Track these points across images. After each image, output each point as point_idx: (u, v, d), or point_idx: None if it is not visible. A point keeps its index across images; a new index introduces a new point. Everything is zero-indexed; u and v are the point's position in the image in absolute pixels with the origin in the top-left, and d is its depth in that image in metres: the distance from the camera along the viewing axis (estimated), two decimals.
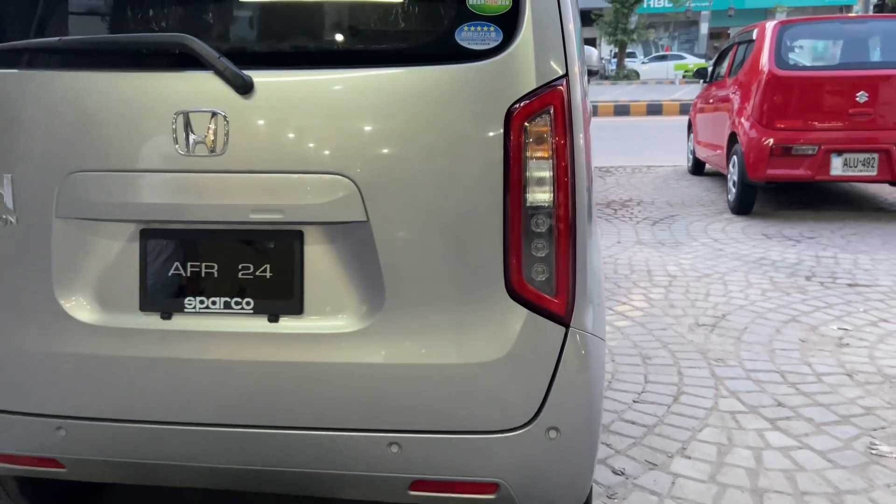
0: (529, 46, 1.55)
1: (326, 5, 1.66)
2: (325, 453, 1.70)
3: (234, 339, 1.67)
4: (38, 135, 1.65)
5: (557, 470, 1.67)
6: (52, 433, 1.77)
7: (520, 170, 1.56)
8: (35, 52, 1.68)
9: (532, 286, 1.59)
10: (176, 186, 1.62)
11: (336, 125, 1.58)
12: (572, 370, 1.62)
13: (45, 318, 1.71)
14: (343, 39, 1.66)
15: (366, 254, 1.62)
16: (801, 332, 3.81)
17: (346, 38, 1.66)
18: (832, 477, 2.44)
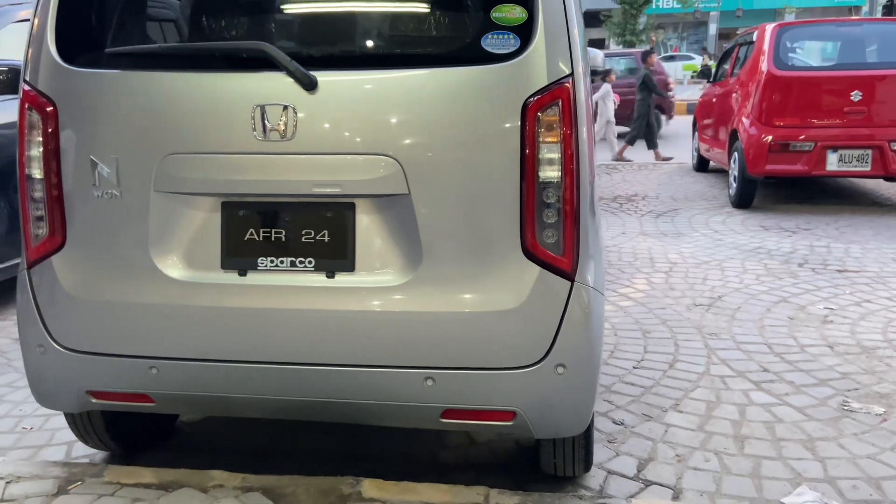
0: (542, 51, 1.90)
1: (377, 18, 2.02)
2: (371, 387, 2.06)
3: (298, 292, 2.03)
4: (141, 124, 2.01)
5: (564, 400, 2.02)
6: (145, 372, 2.13)
7: (534, 151, 1.91)
8: (138, 56, 2.05)
9: (543, 247, 1.95)
10: (253, 166, 1.98)
11: (384, 115, 1.94)
12: (576, 317, 1.97)
13: (141, 275, 2.08)
14: (390, 45, 2.02)
15: (407, 221, 1.97)
16: (790, 311, 4.14)
17: (392, 44, 2.02)
18: (807, 427, 2.78)
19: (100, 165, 2.04)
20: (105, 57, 2.07)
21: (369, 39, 2.05)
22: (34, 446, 2.75)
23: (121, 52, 2.06)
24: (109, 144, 2.04)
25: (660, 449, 2.63)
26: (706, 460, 2.55)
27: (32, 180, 2.11)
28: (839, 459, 2.55)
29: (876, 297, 4.38)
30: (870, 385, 3.15)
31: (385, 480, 2.20)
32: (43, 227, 2.12)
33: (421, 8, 2.03)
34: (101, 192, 2.06)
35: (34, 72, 2.10)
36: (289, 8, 2.06)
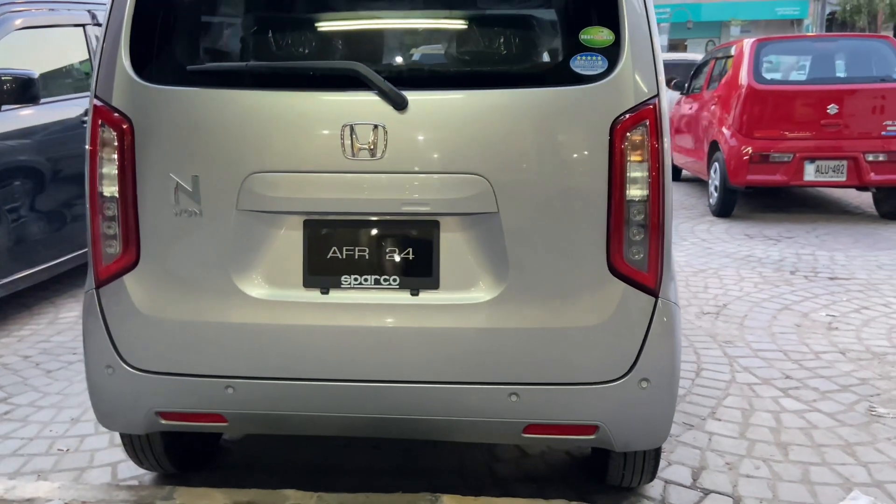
0: (629, 72, 1.95)
1: (467, 38, 2.04)
2: (455, 403, 2.07)
3: (382, 310, 2.03)
4: (224, 142, 1.99)
5: (646, 413, 2.06)
6: (221, 392, 2.09)
7: (622, 170, 1.95)
8: (224, 74, 2.02)
9: (629, 264, 1.99)
10: (340, 184, 1.98)
11: (474, 134, 1.95)
12: (659, 332, 2.01)
13: (220, 293, 2.05)
14: (479, 65, 2.05)
15: (494, 238, 1.99)
16: (795, 318, 4.28)
17: (482, 64, 2.04)
18: (842, 433, 2.89)
19: (180, 184, 2.01)
20: (184, 73, 2.04)
21: (459, 59, 2.07)
22: (76, 468, 2.67)
23: (203, 70, 2.03)
24: (190, 163, 2.01)
25: (709, 457, 2.70)
26: (756, 468, 2.63)
27: (104, 198, 2.06)
28: (881, 464, 2.65)
29: (872, 303, 4.55)
30: (889, 390, 3.28)
31: (464, 497, 2.20)
32: (115, 245, 2.08)
33: (510, 29, 2.05)
34: (179, 210, 2.02)
35: (106, 87, 2.05)
36: (377, 26, 2.07)
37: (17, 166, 4.16)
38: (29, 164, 4.25)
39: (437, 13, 2.08)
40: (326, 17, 2.11)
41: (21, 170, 4.20)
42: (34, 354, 3.81)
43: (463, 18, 2.04)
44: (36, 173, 4.30)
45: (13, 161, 4.13)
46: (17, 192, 4.14)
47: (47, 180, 4.38)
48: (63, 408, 3.18)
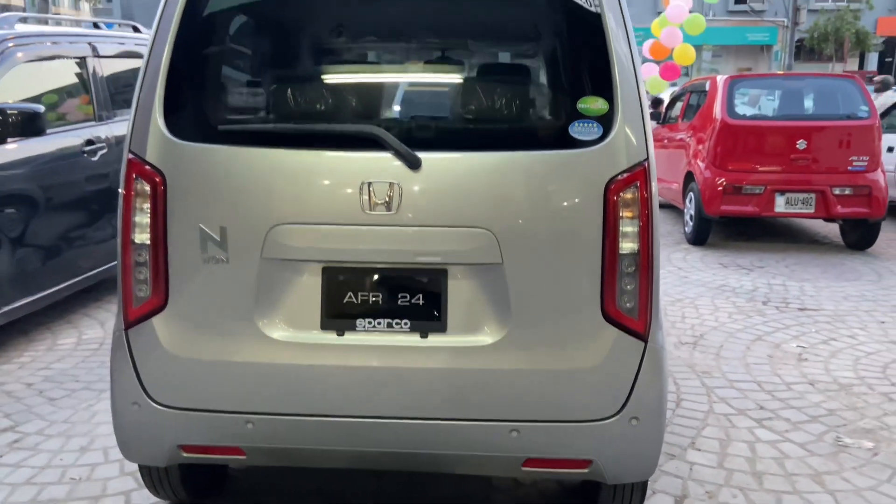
0: (622, 138, 2.15)
1: (477, 105, 2.23)
2: (459, 438, 2.24)
3: (394, 351, 2.20)
4: (251, 196, 2.15)
5: (636, 449, 2.25)
6: (241, 427, 2.24)
7: (615, 226, 2.15)
8: (252, 133, 2.19)
9: (621, 311, 2.18)
10: (358, 236, 2.15)
11: (482, 192, 2.14)
12: (648, 373, 2.20)
13: (243, 335, 2.20)
14: (487, 129, 2.24)
15: (498, 287, 2.17)
16: (768, 349, 4.52)
17: (490, 129, 2.24)
18: (812, 462, 3.10)
19: (208, 234, 2.17)
20: (215, 132, 2.20)
21: (468, 123, 2.26)
22: (90, 497, 2.79)
23: (234, 131, 2.20)
24: (219, 214, 2.16)
25: (690, 487, 2.89)
26: (734, 496, 2.82)
27: (136, 245, 2.21)
28: (846, 492, 2.86)
29: (839, 335, 4.81)
30: (854, 421, 3.51)
31: None
32: (145, 289, 2.22)
33: (515, 97, 2.25)
34: (207, 257, 2.18)
35: (140, 142, 2.20)
36: (396, 92, 2.25)
37: (19, 194, 4.27)
38: (31, 193, 4.36)
39: (450, 82, 2.27)
40: (349, 82, 2.29)
41: (23, 198, 4.30)
42: (37, 382, 3.90)
43: (473, 87, 2.24)
44: (37, 202, 4.41)
45: (15, 189, 4.24)
46: (19, 220, 4.25)
47: (48, 208, 4.49)
48: (71, 436, 3.28)
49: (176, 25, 2.20)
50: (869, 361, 4.32)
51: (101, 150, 4.98)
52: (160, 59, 2.19)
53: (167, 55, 2.18)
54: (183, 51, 2.20)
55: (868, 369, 4.20)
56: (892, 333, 4.84)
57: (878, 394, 3.84)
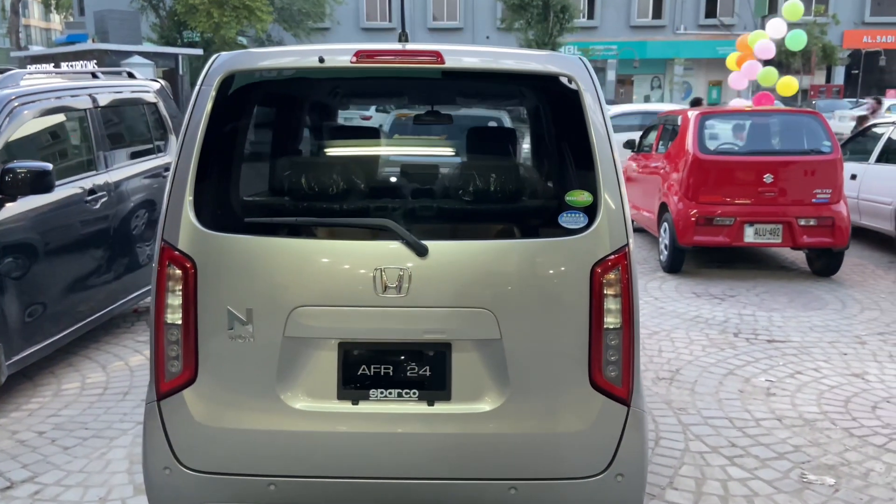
0: (605, 226, 2.43)
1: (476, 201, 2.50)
2: (463, 495, 2.49)
3: (404, 418, 2.45)
4: (274, 281, 2.39)
5: (621, 501, 2.51)
6: (264, 489, 2.47)
7: (600, 304, 2.42)
8: (276, 226, 2.43)
9: (607, 380, 2.45)
10: (372, 316, 2.40)
11: (482, 275, 2.40)
12: (632, 434, 2.47)
13: (267, 405, 2.44)
14: (486, 222, 2.51)
15: (497, 359, 2.43)
16: (739, 384, 4.82)
17: (488, 220, 2.50)
18: (779, 500, 3.39)
19: (236, 315, 2.40)
20: (241, 223, 2.44)
21: (469, 216, 2.53)
22: None
23: (260, 223, 2.44)
24: (245, 298, 2.40)
25: None
26: None
27: (169, 325, 2.44)
28: None
29: (804, 367, 5.13)
30: (818, 457, 3.81)
31: None
32: (177, 365, 2.45)
33: (511, 191, 2.52)
34: (234, 336, 2.41)
35: (173, 232, 2.43)
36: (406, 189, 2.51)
37: (27, 245, 4.45)
38: (37, 244, 4.54)
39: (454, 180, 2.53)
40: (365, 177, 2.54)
41: (30, 249, 4.48)
42: (48, 430, 4.08)
43: (474, 183, 2.50)
44: (43, 252, 4.59)
45: (23, 240, 4.42)
46: (27, 270, 4.42)
47: (53, 257, 4.67)
48: (89, 486, 3.48)
49: (204, 126, 2.43)
50: (832, 395, 4.64)
51: (101, 199, 5.17)
52: (189, 159, 2.43)
53: (196, 156, 2.41)
54: (210, 149, 2.44)
55: (831, 403, 4.51)
56: (854, 366, 5.17)
57: (840, 429, 4.15)
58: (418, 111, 3.30)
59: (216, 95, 2.45)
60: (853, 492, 3.46)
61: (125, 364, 5.12)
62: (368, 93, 3.26)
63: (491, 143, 3.10)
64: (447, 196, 2.51)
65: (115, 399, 4.53)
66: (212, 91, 2.44)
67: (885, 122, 9.72)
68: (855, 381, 4.88)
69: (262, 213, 2.50)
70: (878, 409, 4.44)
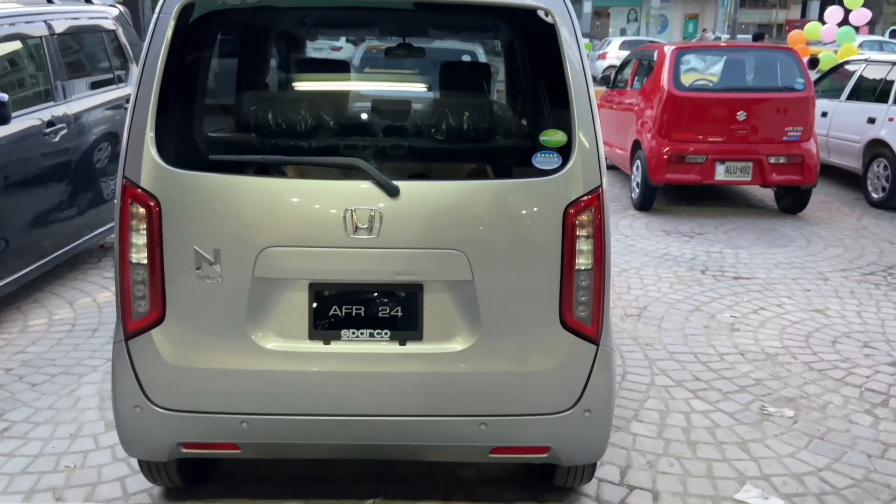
0: (579, 167, 2.40)
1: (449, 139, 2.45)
2: (434, 432, 2.53)
3: (376, 358, 2.46)
4: (243, 221, 2.35)
5: (588, 436, 2.57)
6: (236, 426, 2.48)
7: (572, 246, 2.41)
8: (243, 164, 2.37)
9: (577, 320, 2.47)
10: (342, 258, 2.37)
11: (454, 217, 2.38)
12: (599, 372, 2.51)
13: (237, 346, 2.42)
14: (459, 161, 2.46)
15: (469, 300, 2.43)
16: (704, 320, 4.92)
17: (461, 161, 2.46)
18: (739, 431, 3.50)
19: (203, 255, 2.36)
20: (207, 161, 2.37)
21: (442, 156, 2.48)
22: (87, 484, 3.01)
23: (224, 160, 2.37)
24: (213, 238, 2.36)
25: (633, 457, 3.26)
26: (670, 465, 3.20)
27: (135, 265, 2.39)
28: (769, 459, 3.27)
29: (768, 304, 5.25)
30: (778, 390, 3.93)
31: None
32: (144, 304, 2.41)
33: (484, 130, 2.47)
34: (202, 276, 2.38)
35: (134, 169, 2.36)
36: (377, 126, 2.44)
37: None
38: None
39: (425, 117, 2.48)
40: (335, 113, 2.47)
41: None
42: (15, 367, 4.05)
43: (447, 121, 2.45)
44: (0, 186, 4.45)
45: None
46: None
47: (12, 193, 4.54)
48: (59, 423, 3.47)
49: (164, 57, 2.33)
50: (794, 331, 4.76)
51: (61, 131, 5.00)
52: (150, 89, 2.33)
53: (156, 89, 2.32)
54: (171, 82, 2.35)
55: (792, 338, 4.64)
56: (816, 302, 5.30)
57: (801, 363, 4.28)
58: (390, 44, 3.21)
59: (176, 24, 2.34)
60: (811, 423, 3.59)
61: (93, 300, 5.06)
62: (338, 23, 3.15)
63: (464, 78, 3.03)
64: (419, 135, 2.46)
65: (84, 335, 4.49)
66: (171, 20, 2.34)
67: (858, 60, 9.72)
68: (816, 317, 5.01)
69: (227, 150, 2.43)
70: (838, 343, 4.58)
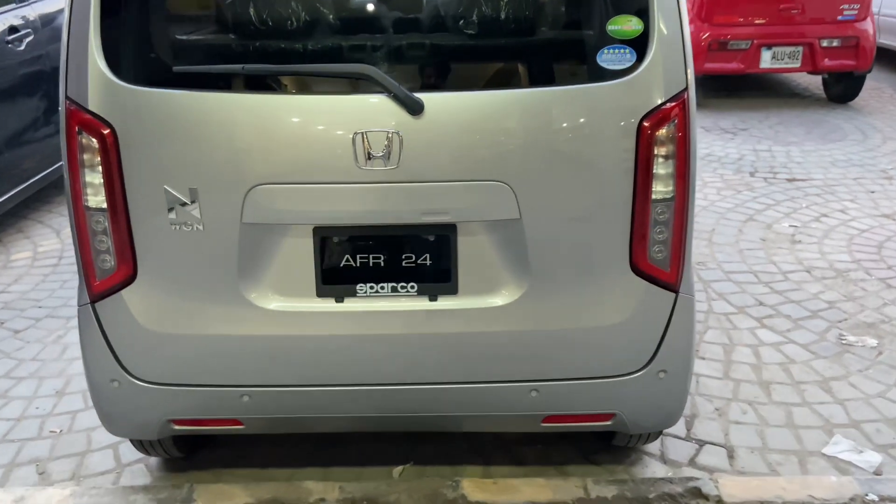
0: (658, 64, 1.83)
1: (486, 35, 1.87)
2: (474, 401, 2.08)
3: (401, 316, 1.98)
4: (223, 152, 1.82)
5: (662, 401, 2.12)
6: (237, 400, 2.05)
7: (648, 169, 1.88)
8: (219, 75, 1.81)
9: (652, 263, 1.96)
10: (353, 196, 1.85)
11: (495, 138, 1.84)
12: (678, 325, 2.03)
13: (230, 307, 1.95)
14: (499, 64, 1.88)
15: (515, 243, 1.92)
16: (760, 231, 4.40)
17: (502, 63, 1.88)
18: (817, 367, 3.05)
19: (177, 197, 1.85)
20: (171, 73, 1.82)
21: (477, 57, 1.90)
22: (75, 454, 2.62)
23: (194, 71, 1.81)
24: (187, 175, 1.84)
25: (699, 403, 2.83)
26: (743, 412, 2.77)
27: (92, 211, 1.89)
28: (855, 401, 2.83)
29: (830, 209, 4.70)
30: (855, 314, 3.45)
31: (484, 480, 2.27)
32: (109, 260, 1.93)
33: (531, 23, 1.88)
34: (178, 223, 1.88)
35: (79, 88, 1.82)
36: (389, 22, 1.86)
37: None
38: None
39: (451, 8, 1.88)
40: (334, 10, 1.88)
41: None
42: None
43: (482, 12, 1.86)
44: None
45: None
46: None
47: None
48: (43, 378, 3.07)
49: None
50: (863, 241, 4.24)
51: (27, 38, 4.39)
52: None
53: None
54: None
55: (863, 250, 4.12)
56: (883, 205, 4.74)
57: (876, 280, 3.78)
58: None
59: None
60: None
61: None
62: None
63: None
64: (446, 29, 1.88)
65: (73, 270, 4.03)
66: None
67: None
68: (886, 224, 4.46)
69: (199, 58, 1.87)
70: None
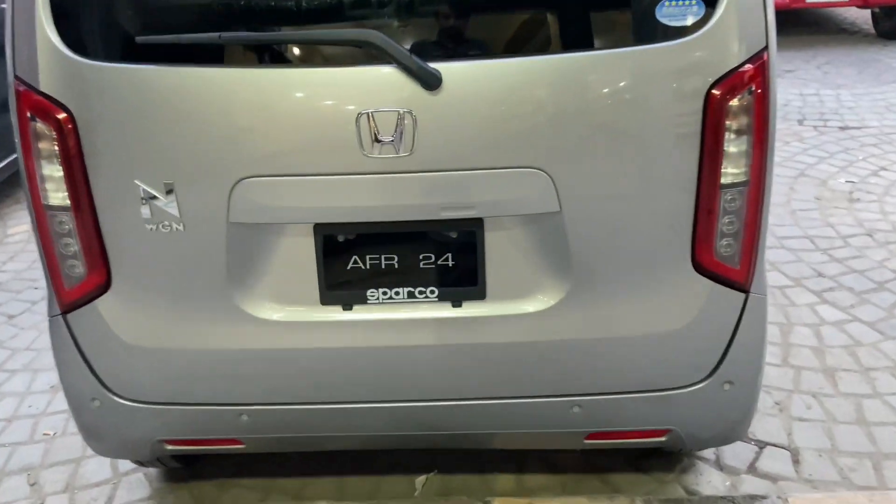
0: (732, 17, 1.48)
1: None
2: (507, 418, 1.80)
3: (419, 326, 1.69)
4: (203, 138, 1.51)
5: (726, 416, 1.83)
6: (235, 419, 1.79)
7: (717, 146, 1.54)
8: (193, 47, 1.49)
9: (718, 259, 1.64)
10: (359, 188, 1.54)
11: (528, 116, 1.50)
12: (748, 330, 1.72)
13: (222, 317, 1.67)
14: (533, 24, 1.53)
15: (554, 239, 1.61)
16: (814, 189, 4.02)
17: (538, 22, 1.53)
18: (887, 349, 2.72)
19: (150, 192, 1.55)
20: (136, 45, 1.50)
21: (506, 18, 1.54)
22: (70, 460, 2.40)
23: (162, 42, 1.49)
24: (161, 166, 1.53)
25: None
26: (807, 407, 2.47)
27: (53, 209, 1.60)
28: None
29: (889, 161, 4.29)
30: None
31: (518, 500, 2.00)
32: (78, 265, 1.65)
33: None
34: (155, 223, 1.58)
35: (28, 65, 1.51)
36: None
37: None
38: None
39: None
40: None
41: None
42: None
43: None
44: None
45: None
46: None
47: None
48: (38, 370, 2.84)
49: None
50: None
51: None
52: None
53: None
54: None
55: None
56: None
57: None
58: None
59: None
60: None
61: None
62: None
63: None
64: None
65: None
66: None
67: None
68: None
69: (171, 26, 1.54)
70: None
